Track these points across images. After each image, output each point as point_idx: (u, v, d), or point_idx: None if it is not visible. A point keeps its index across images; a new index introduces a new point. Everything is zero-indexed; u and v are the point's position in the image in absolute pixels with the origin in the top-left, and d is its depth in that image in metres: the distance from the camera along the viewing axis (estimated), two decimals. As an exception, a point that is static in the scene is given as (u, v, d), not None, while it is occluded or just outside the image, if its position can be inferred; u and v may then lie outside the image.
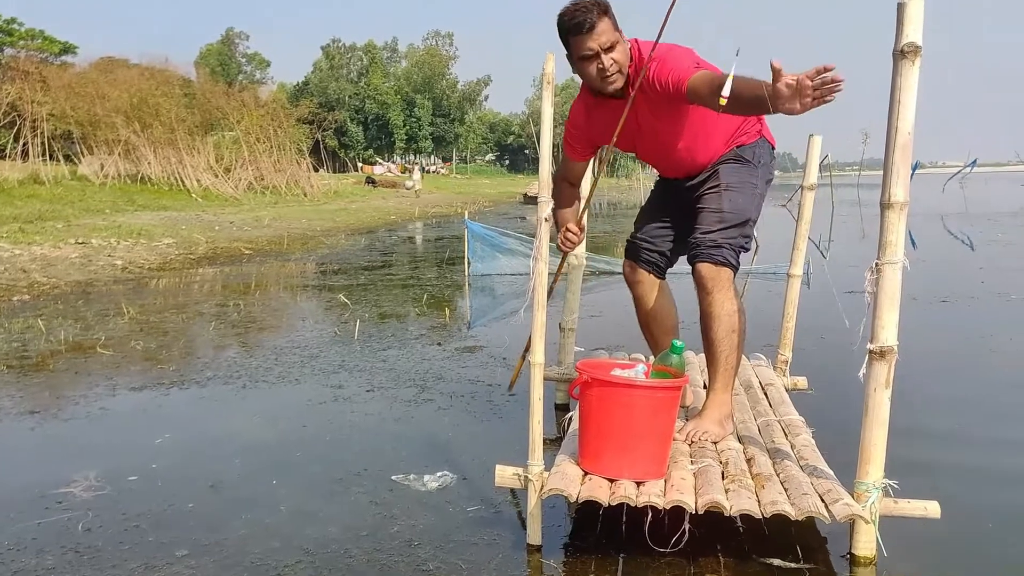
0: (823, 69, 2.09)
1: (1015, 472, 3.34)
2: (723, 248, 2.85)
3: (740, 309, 2.94)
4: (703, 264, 2.86)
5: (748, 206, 2.92)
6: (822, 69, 2.09)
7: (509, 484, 2.61)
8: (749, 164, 2.96)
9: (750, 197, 2.93)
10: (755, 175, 2.96)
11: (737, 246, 2.90)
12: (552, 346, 4.33)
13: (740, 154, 2.96)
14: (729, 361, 2.92)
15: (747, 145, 2.98)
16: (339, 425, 3.92)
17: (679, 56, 2.73)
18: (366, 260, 11.61)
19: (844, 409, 3.45)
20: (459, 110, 77.37)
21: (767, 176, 3.05)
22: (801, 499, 2.32)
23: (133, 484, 3.16)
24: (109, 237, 12.09)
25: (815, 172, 3.98)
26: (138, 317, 6.71)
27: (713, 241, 2.85)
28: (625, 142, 3.02)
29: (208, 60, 64.61)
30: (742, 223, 2.90)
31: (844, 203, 23.25)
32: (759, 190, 2.98)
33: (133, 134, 22.02)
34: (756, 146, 3.00)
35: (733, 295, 2.90)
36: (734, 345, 2.91)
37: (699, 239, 2.88)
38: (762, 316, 6.70)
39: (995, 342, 5.71)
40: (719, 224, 2.87)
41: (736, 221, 2.88)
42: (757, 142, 3.00)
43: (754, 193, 2.95)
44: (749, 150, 2.97)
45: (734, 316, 2.89)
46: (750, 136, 2.99)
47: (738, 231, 2.89)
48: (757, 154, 2.99)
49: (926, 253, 11.89)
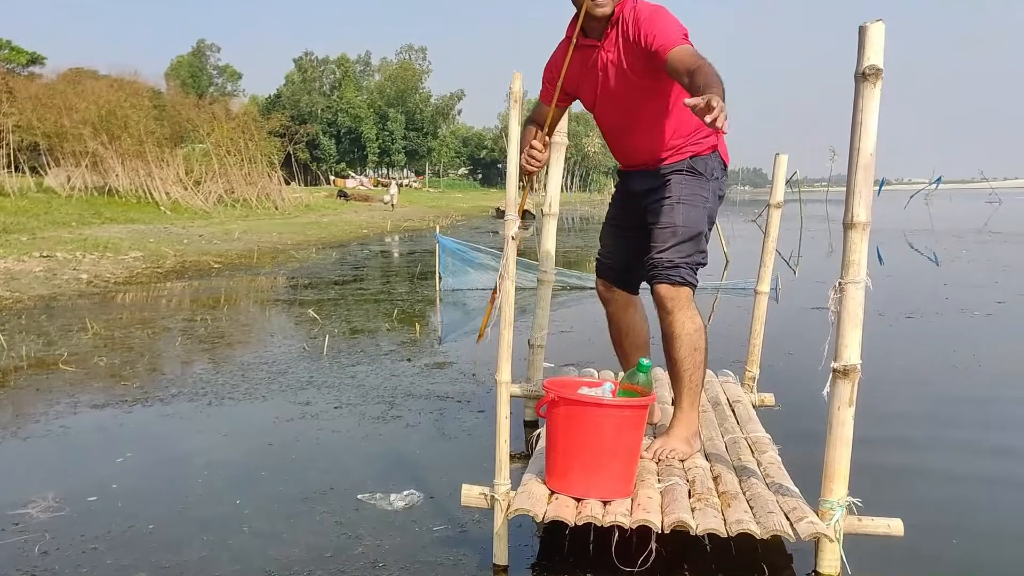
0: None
1: (979, 488, 3.37)
2: (680, 268, 2.86)
3: (701, 327, 2.94)
4: (662, 285, 2.88)
5: (699, 220, 2.92)
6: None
7: (475, 504, 2.59)
8: (702, 176, 2.95)
9: (702, 211, 2.93)
10: (706, 188, 2.95)
11: (694, 263, 2.91)
12: (521, 362, 4.33)
13: (693, 165, 2.95)
14: (693, 379, 2.93)
15: (701, 156, 2.97)
16: (305, 443, 3.87)
17: (670, 20, 2.75)
18: (337, 274, 11.54)
19: (811, 426, 3.47)
20: (432, 124, 77.53)
21: (719, 191, 3.03)
22: (767, 518, 2.32)
23: (93, 505, 3.10)
24: (75, 250, 11.91)
25: (781, 190, 4.02)
26: (102, 332, 6.61)
27: (670, 261, 2.86)
28: (589, 92, 2.99)
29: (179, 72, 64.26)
30: (695, 237, 2.90)
31: (813, 218, 23.52)
32: (710, 203, 2.97)
33: (101, 146, 21.77)
34: (710, 159, 2.99)
35: (694, 312, 2.92)
36: (697, 363, 2.92)
37: (656, 260, 2.88)
38: (730, 332, 6.76)
39: (958, 357, 5.79)
40: (672, 239, 2.87)
41: (688, 236, 2.88)
42: (711, 155, 3.00)
43: (705, 207, 2.94)
44: (703, 162, 2.96)
45: (695, 334, 2.90)
46: (704, 147, 2.97)
47: (692, 246, 2.89)
48: (710, 167, 2.98)
49: (892, 269, 12.06)
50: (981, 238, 18.49)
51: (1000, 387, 5.04)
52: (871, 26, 2.11)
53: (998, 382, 5.17)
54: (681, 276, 2.86)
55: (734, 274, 10.96)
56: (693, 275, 2.91)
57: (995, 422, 4.33)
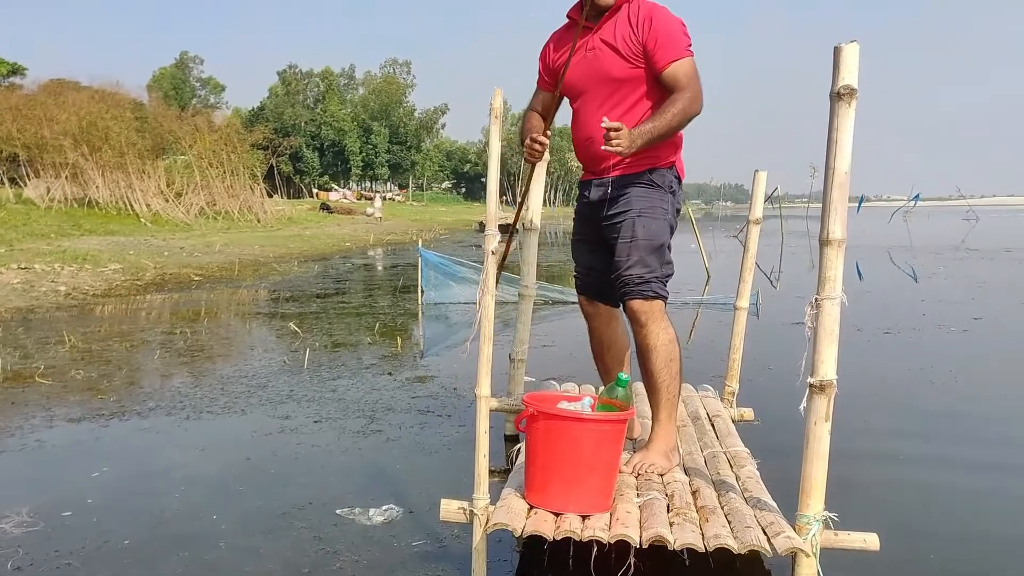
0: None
1: (955, 501, 3.40)
2: (651, 282, 2.89)
3: (674, 339, 2.96)
4: (634, 301, 2.91)
5: (661, 231, 2.94)
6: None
7: (454, 518, 2.58)
8: (660, 189, 2.98)
9: (663, 223, 2.95)
10: (665, 201, 2.98)
11: (662, 275, 2.94)
12: (502, 376, 4.33)
13: (652, 178, 2.97)
14: (670, 391, 2.95)
15: (659, 169, 2.99)
16: (284, 457, 3.85)
17: (678, 26, 2.86)
18: (319, 287, 11.50)
19: (790, 440, 3.49)
20: (416, 138, 77.56)
21: (676, 204, 3.07)
22: (744, 532, 2.33)
23: (67, 520, 3.06)
24: (53, 262, 11.82)
25: (760, 206, 4.05)
26: (80, 345, 6.56)
27: (640, 277, 2.89)
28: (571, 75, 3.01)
29: (161, 84, 63.99)
30: (657, 249, 2.92)
31: (794, 234, 23.71)
32: (670, 216, 3.00)
33: (81, 157, 21.63)
34: (667, 173, 3.02)
35: (667, 324, 2.94)
36: (673, 374, 2.95)
37: (625, 277, 2.91)
38: (711, 347, 6.79)
39: (935, 373, 5.84)
40: (636, 253, 2.90)
41: (651, 248, 2.91)
42: (669, 169, 3.03)
43: (665, 219, 2.97)
44: (660, 175, 2.99)
45: (669, 345, 2.92)
46: (663, 161, 3.00)
47: (656, 259, 2.92)
48: (667, 180, 3.01)
49: (871, 284, 12.16)
50: (958, 255, 18.68)
51: (976, 402, 5.08)
52: (846, 47, 2.14)
53: (974, 397, 5.21)
54: (652, 290, 2.90)
55: (716, 289, 11.02)
56: (663, 287, 2.95)
57: (971, 437, 4.37)
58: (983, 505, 3.36)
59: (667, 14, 2.88)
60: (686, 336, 7.67)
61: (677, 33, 2.84)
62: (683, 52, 2.83)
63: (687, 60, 2.83)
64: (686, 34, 2.87)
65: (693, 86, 2.82)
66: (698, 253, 14.25)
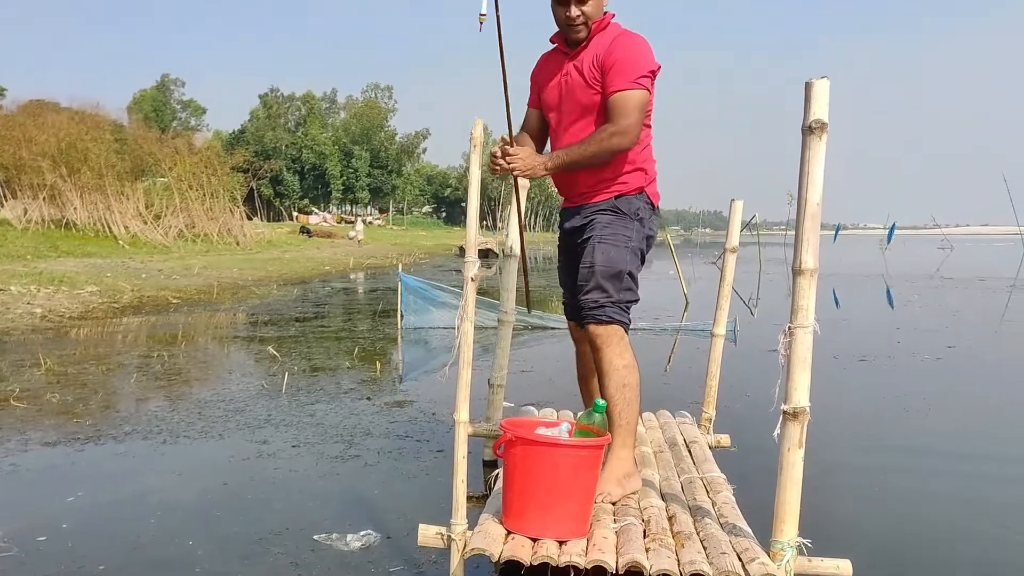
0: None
1: (926, 529, 3.44)
2: (606, 307, 2.89)
3: (631, 364, 2.93)
4: (590, 324, 2.92)
5: (620, 259, 2.93)
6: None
7: (432, 544, 2.59)
8: (626, 217, 2.99)
9: (623, 250, 2.95)
10: (629, 228, 2.98)
11: (622, 301, 2.93)
12: (481, 402, 4.34)
13: (617, 205, 2.99)
14: (623, 416, 2.91)
15: (626, 196, 3.00)
16: (262, 482, 3.84)
17: (638, 57, 2.85)
18: (298, 311, 11.47)
19: (765, 466, 3.52)
20: (397, 162, 77.76)
21: (646, 232, 3.05)
22: (720, 558, 2.35)
23: (42, 545, 3.03)
24: (29, 284, 11.72)
25: (737, 235, 4.11)
26: (56, 368, 6.50)
27: (595, 302, 2.90)
28: (552, 96, 3.07)
29: (142, 106, 63.83)
30: (615, 275, 2.91)
31: (772, 261, 23.92)
32: (634, 243, 2.98)
33: (60, 179, 21.51)
34: (635, 199, 3.02)
35: (623, 350, 2.91)
36: (627, 400, 2.90)
37: (583, 301, 2.93)
38: (688, 373, 6.84)
39: (909, 401, 5.91)
40: (592, 279, 2.91)
41: (608, 274, 2.90)
42: (638, 195, 3.03)
43: (628, 246, 2.96)
44: (627, 201, 3.00)
45: (624, 371, 2.89)
46: (630, 187, 3.01)
47: (614, 285, 2.91)
48: (634, 207, 3.00)
49: (847, 312, 12.29)
50: (933, 283, 18.92)
51: (949, 431, 5.15)
52: (816, 83, 2.20)
53: (947, 426, 5.28)
54: (607, 315, 2.89)
55: (694, 315, 11.09)
56: (621, 313, 2.93)
57: (944, 464, 4.42)
58: (955, 532, 3.41)
59: (629, 42, 2.88)
60: (664, 362, 7.72)
61: (632, 63, 2.83)
62: (630, 84, 2.82)
63: (631, 93, 2.82)
64: (644, 65, 2.85)
65: (623, 122, 2.82)
66: (677, 279, 14.35)
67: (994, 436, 5.03)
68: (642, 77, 2.83)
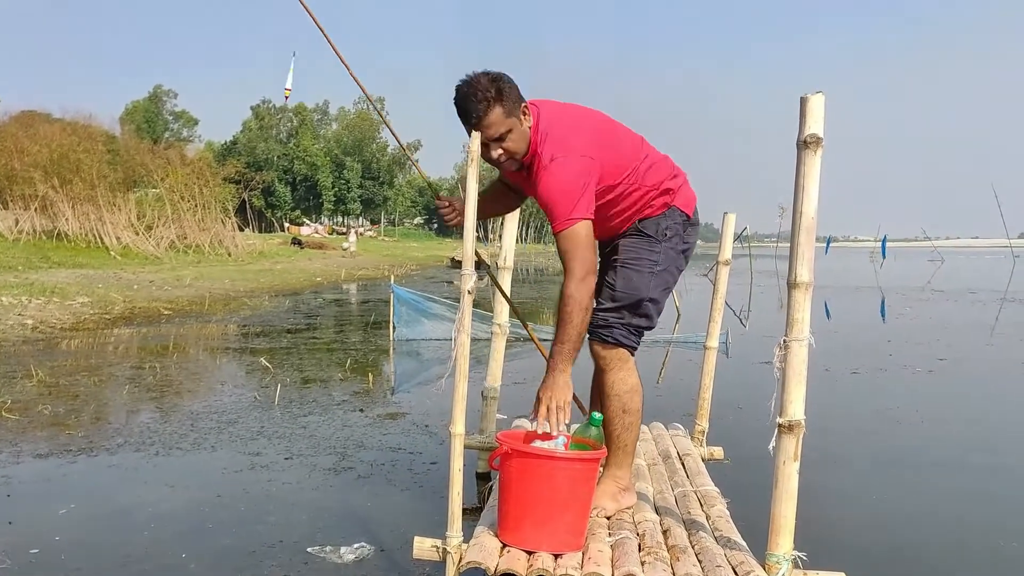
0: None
1: (920, 540, 3.45)
2: (614, 328, 2.78)
3: (633, 390, 2.84)
4: (594, 343, 2.82)
5: (642, 285, 2.79)
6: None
7: (427, 556, 2.58)
8: (650, 239, 2.82)
9: (647, 276, 2.80)
10: (655, 250, 2.82)
11: (632, 326, 2.81)
12: (474, 413, 4.34)
13: (641, 228, 2.83)
14: (622, 440, 2.87)
15: (651, 218, 2.83)
16: (255, 494, 3.82)
17: (558, 187, 2.58)
18: (290, 323, 11.44)
19: (759, 479, 3.53)
20: (388, 173, 77.79)
21: (679, 247, 2.88)
22: (715, 572, 2.36)
23: (34, 557, 3.02)
24: (20, 295, 11.66)
25: (729, 248, 4.13)
26: (47, 380, 6.47)
27: (605, 320, 2.79)
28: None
29: (134, 117, 63.71)
30: (634, 303, 2.79)
31: (763, 273, 23.99)
32: (660, 267, 2.83)
33: (52, 189, 21.45)
34: (663, 218, 2.83)
35: (628, 374, 2.82)
36: (626, 425, 2.85)
37: (594, 318, 2.77)
38: (681, 385, 6.85)
39: (901, 413, 5.93)
40: (611, 302, 2.80)
41: (627, 301, 2.79)
42: (664, 214, 2.84)
43: (652, 271, 2.81)
44: (652, 224, 2.83)
45: (625, 396, 2.82)
46: (655, 208, 2.83)
47: (630, 312, 2.80)
48: (662, 227, 2.83)
49: (839, 325, 12.34)
50: (924, 295, 19.01)
51: (941, 442, 5.17)
52: (812, 97, 2.22)
53: (939, 438, 5.30)
54: (613, 337, 2.79)
55: (686, 327, 11.11)
56: (629, 337, 2.82)
57: (936, 476, 4.44)
58: (949, 542, 3.42)
59: (547, 178, 2.60)
60: (656, 374, 7.73)
61: (555, 200, 2.57)
62: (561, 224, 2.56)
63: (563, 234, 2.56)
64: (571, 193, 2.56)
65: (571, 263, 2.55)
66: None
67: (988, 448, 5.05)
68: (574, 209, 2.54)
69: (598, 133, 2.72)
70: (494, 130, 2.59)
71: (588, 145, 2.64)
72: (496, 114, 2.58)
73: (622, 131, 2.84)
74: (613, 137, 2.76)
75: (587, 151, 2.62)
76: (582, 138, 2.65)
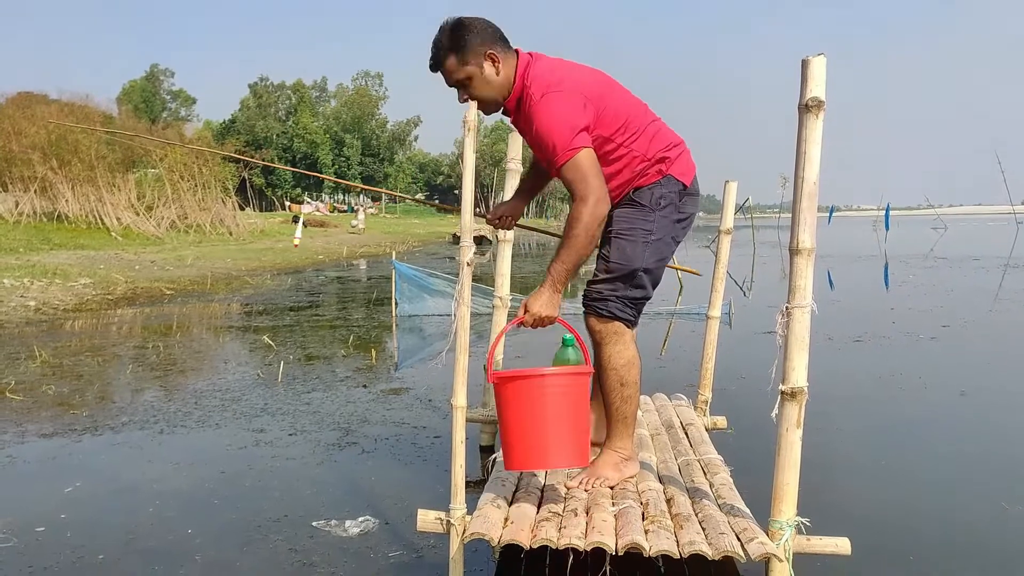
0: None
1: (924, 506, 3.45)
2: (609, 301, 2.78)
3: (630, 362, 2.83)
4: (590, 317, 2.83)
5: (636, 256, 2.77)
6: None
7: (431, 529, 2.59)
8: (644, 208, 2.78)
9: (641, 246, 2.78)
10: (650, 220, 2.78)
11: (628, 298, 2.80)
12: (477, 388, 4.34)
13: (635, 198, 2.80)
14: (620, 412, 2.87)
15: (645, 187, 2.79)
16: (259, 470, 3.84)
17: (553, 122, 2.57)
18: (292, 300, 11.45)
19: (762, 447, 3.53)
20: (388, 150, 77.60)
21: (673, 216, 2.83)
22: (718, 539, 2.36)
23: (40, 535, 3.03)
24: (22, 277, 11.66)
25: (731, 217, 4.11)
26: (51, 360, 6.48)
27: (599, 293, 2.79)
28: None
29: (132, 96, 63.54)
30: (628, 274, 2.78)
31: (766, 244, 23.96)
32: (654, 236, 2.79)
33: (51, 171, 21.39)
34: (656, 187, 2.79)
35: (624, 347, 2.82)
36: (625, 397, 2.85)
37: (588, 291, 2.82)
38: (684, 356, 6.85)
39: (904, 380, 5.92)
40: (604, 275, 2.80)
41: (620, 272, 2.77)
42: (659, 182, 2.79)
43: (647, 241, 2.78)
44: (647, 192, 2.79)
45: (622, 370, 2.82)
46: (650, 177, 2.79)
47: (624, 283, 2.78)
48: (656, 196, 2.78)
49: (841, 294, 12.31)
50: (927, 263, 18.96)
51: (945, 409, 5.17)
52: (813, 60, 2.19)
53: (943, 404, 5.30)
54: (608, 310, 2.78)
55: (688, 299, 11.10)
56: (625, 310, 2.81)
57: (940, 442, 4.44)
58: (954, 508, 3.42)
59: (541, 112, 2.60)
60: (659, 346, 7.73)
61: (552, 132, 2.56)
62: (562, 156, 2.55)
63: (569, 163, 2.55)
64: (568, 126, 2.55)
65: (582, 189, 2.54)
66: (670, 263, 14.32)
67: (990, 413, 5.05)
68: (574, 139, 2.54)
69: (595, 79, 2.74)
70: (452, 77, 2.68)
71: (582, 84, 2.65)
72: (451, 63, 2.65)
73: (620, 88, 2.82)
74: (608, 88, 2.75)
75: (580, 89, 2.63)
76: (575, 78, 2.67)
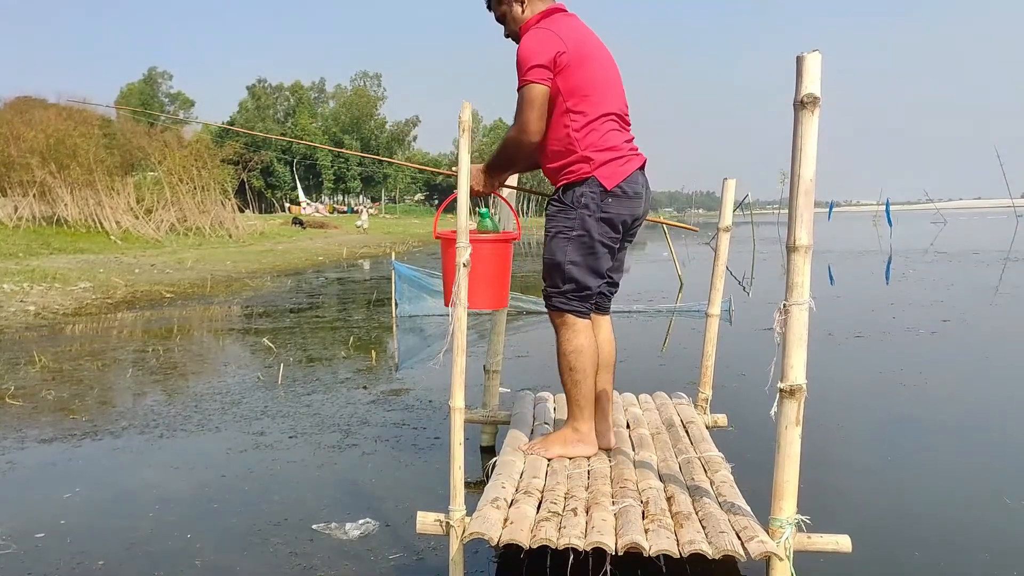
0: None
1: (925, 503, 3.45)
2: (552, 298, 3.10)
3: (578, 350, 3.07)
4: (548, 310, 3.17)
5: (557, 249, 3.04)
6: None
7: (431, 531, 2.58)
8: (566, 207, 3.02)
9: (561, 241, 3.02)
10: (571, 217, 2.99)
11: (563, 291, 3.06)
12: (477, 388, 4.34)
13: (560, 196, 3.05)
14: (572, 394, 3.13)
15: (570, 184, 3.01)
16: (259, 474, 3.83)
17: (524, 51, 2.90)
18: (292, 302, 11.44)
19: (763, 444, 3.53)
20: (388, 150, 77.47)
21: (596, 214, 2.96)
22: (718, 537, 2.35)
23: (40, 541, 3.03)
24: (22, 282, 11.66)
25: (730, 214, 4.09)
26: (51, 365, 6.48)
27: (545, 291, 3.13)
28: None
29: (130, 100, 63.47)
30: (553, 267, 3.06)
31: (765, 240, 23.94)
32: (575, 232, 2.99)
33: (49, 175, 21.38)
34: (578, 185, 2.98)
35: (572, 335, 3.07)
36: (574, 381, 3.10)
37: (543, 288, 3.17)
38: (684, 354, 6.85)
39: (905, 376, 5.92)
40: (543, 270, 3.13)
41: (548, 266, 3.09)
42: (584, 182, 2.97)
43: (567, 236, 3.01)
44: (570, 192, 3.00)
45: (571, 356, 3.08)
46: (575, 175, 2.99)
47: (552, 277, 3.08)
48: (577, 195, 2.97)
49: (842, 289, 12.31)
50: (927, 258, 18.95)
51: (945, 404, 5.16)
52: (808, 56, 2.18)
53: (944, 400, 5.29)
54: (553, 304, 3.10)
55: (689, 296, 11.10)
56: (568, 302, 3.07)
57: (941, 438, 4.44)
58: (955, 505, 3.42)
59: (524, 39, 2.97)
60: (659, 344, 7.72)
61: (522, 60, 2.89)
62: (519, 80, 2.90)
63: (521, 92, 2.90)
64: (532, 58, 2.87)
65: (518, 118, 2.91)
66: (671, 261, 14.34)
67: (992, 408, 5.04)
68: (530, 71, 2.86)
69: (590, 43, 3.02)
70: (496, 11, 3.18)
71: (568, 36, 2.93)
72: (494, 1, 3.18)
73: (612, 73, 3.08)
74: (599, 64, 3.01)
75: (563, 35, 2.92)
76: (567, 26, 2.98)
